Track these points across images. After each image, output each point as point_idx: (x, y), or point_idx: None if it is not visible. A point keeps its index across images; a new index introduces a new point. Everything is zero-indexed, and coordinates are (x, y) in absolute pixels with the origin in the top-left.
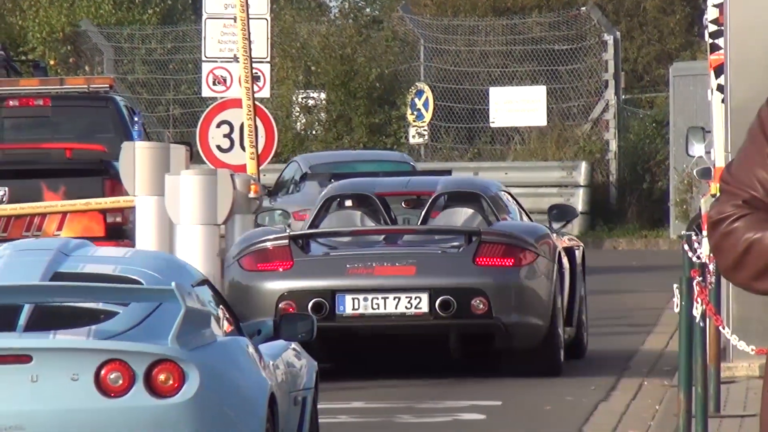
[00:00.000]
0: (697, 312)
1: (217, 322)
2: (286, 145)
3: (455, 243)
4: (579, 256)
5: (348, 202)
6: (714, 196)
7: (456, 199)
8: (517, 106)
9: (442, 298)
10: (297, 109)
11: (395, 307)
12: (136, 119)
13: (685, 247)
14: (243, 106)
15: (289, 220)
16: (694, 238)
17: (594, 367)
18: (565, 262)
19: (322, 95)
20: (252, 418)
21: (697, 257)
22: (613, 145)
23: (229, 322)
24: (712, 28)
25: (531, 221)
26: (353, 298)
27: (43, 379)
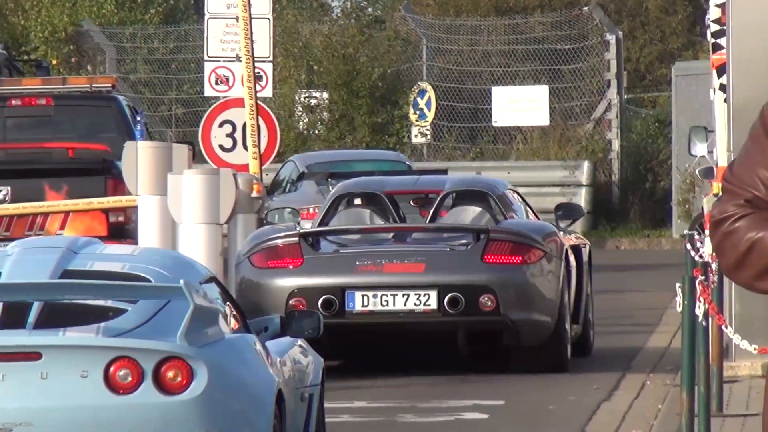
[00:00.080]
0: (699, 311)
1: (225, 320)
2: (289, 145)
3: (463, 241)
4: (585, 254)
5: (357, 201)
6: (716, 195)
7: (464, 198)
8: (520, 105)
9: (450, 295)
10: (299, 108)
11: (404, 304)
12: (139, 119)
13: (688, 246)
14: (245, 105)
15: (299, 218)
16: (697, 237)
17: (597, 367)
18: (572, 260)
19: (325, 95)
20: (259, 415)
21: (700, 256)
22: (615, 145)
23: (236, 320)
24: (715, 27)
25: (538, 219)
26: (363, 295)
27: (52, 376)
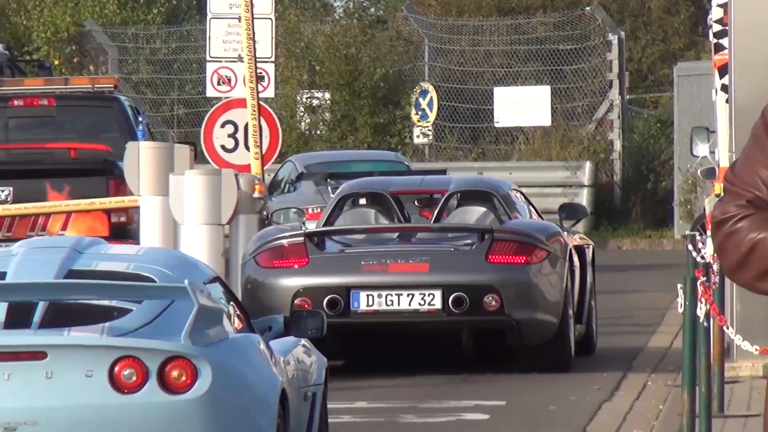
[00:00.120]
0: (701, 312)
1: (229, 319)
2: (291, 145)
3: (468, 241)
4: (589, 254)
5: (362, 201)
6: (718, 196)
7: (468, 198)
8: (522, 106)
9: (455, 294)
10: (301, 108)
11: (409, 304)
12: (141, 119)
13: (689, 247)
14: (247, 106)
15: (304, 218)
16: (698, 238)
17: (598, 367)
18: (576, 260)
19: (327, 95)
20: (263, 414)
21: (701, 257)
22: (617, 145)
23: (240, 319)
24: (717, 28)
25: (542, 220)
26: (368, 295)
27: (57, 376)
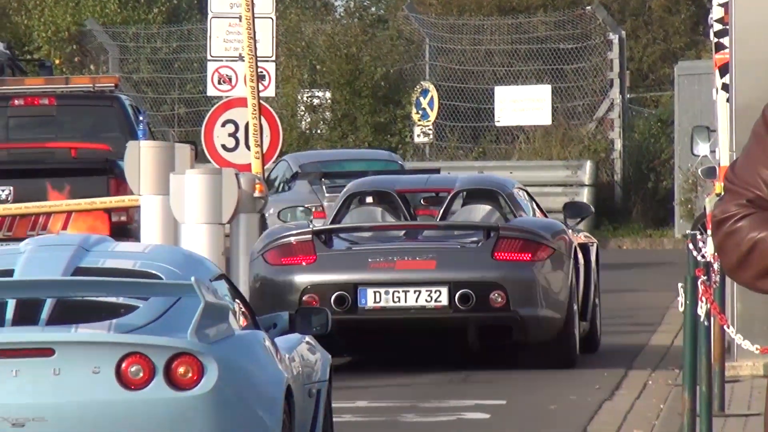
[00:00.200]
0: (701, 311)
1: (235, 316)
2: (291, 145)
3: (474, 238)
4: (593, 252)
5: (369, 199)
6: (719, 195)
7: (474, 196)
8: (522, 105)
9: (461, 291)
10: (302, 108)
11: (416, 301)
12: (141, 118)
13: (690, 246)
14: (248, 105)
15: (311, 216)
16: (699, 237)
17: (598, 366)
18: (580, 258)
19: (327, 94)
20: (269, 411)
21: (702, 256)
22: (617, 145)
23: (245, 316)
24: (717, 27)
25: (546, 218)
26: (375, 292)
27: (65, 372)
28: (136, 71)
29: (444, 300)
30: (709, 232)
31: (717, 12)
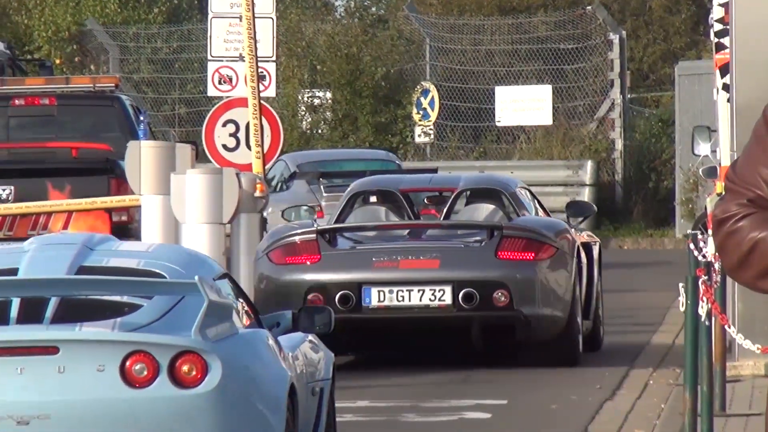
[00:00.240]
0: (702, 311)
1: (238, 315)
2: (292, 144)
3: (477, 237)
4: (596, 251)
5: (373, 198)
6: (719, 195)
7: (477, 196)
8: (523, 105)
9: (465, 290)
10: (303, 108)
11: (419, 300)
12: (142, 118)
13: (691, 246)
14: (249, 105)
15: (315, 216)
16: (700, 237)
17: (600, 366)
18: (583, 257)
19: (328, 94)
20: (273, 409)
21: (703, 256)
22: (618, 144)
23: (249, 315)
24: (718, 27)
25: (549, 217)
26: (379, 291)
27: (69, 370)
28: (136, 71)
29: (447, 299)
30: (710, 231)
31: (717, 12)
